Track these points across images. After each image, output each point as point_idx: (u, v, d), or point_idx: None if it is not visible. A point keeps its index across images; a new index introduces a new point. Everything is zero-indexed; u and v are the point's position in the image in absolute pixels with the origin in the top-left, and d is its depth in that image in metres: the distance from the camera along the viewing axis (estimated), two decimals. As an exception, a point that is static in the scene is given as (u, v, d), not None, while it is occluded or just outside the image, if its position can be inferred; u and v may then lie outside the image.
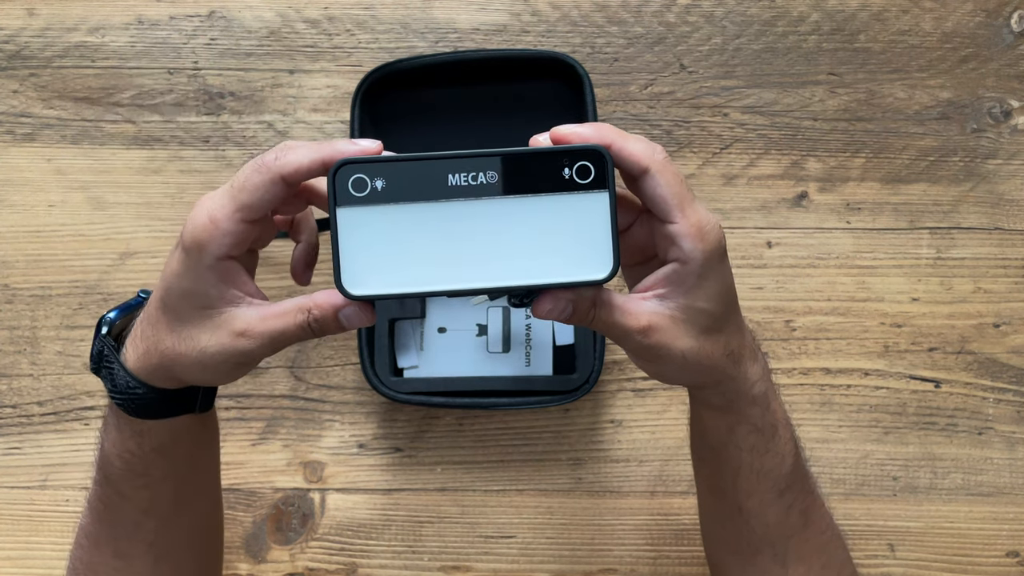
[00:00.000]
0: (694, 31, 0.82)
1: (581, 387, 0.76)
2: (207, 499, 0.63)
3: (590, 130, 0.47)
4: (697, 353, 0.50)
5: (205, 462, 0.62)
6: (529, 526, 0.79)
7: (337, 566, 0.79)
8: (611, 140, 0.47)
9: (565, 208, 0.46)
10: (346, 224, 0.45)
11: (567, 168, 0.46)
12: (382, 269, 0.45)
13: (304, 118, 0.81)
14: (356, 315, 0.48)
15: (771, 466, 0.55)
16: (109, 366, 0.53)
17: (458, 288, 0.46)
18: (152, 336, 0.51)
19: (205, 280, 0.48)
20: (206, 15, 0.82)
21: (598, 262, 0.46)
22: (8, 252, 0.81)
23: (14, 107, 0.81)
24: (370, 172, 0.45)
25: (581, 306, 0.48)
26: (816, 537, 0.58)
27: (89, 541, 0.59)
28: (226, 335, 0.48)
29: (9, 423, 0.80)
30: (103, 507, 0.57)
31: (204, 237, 0.47)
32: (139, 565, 0.58)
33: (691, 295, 0.48)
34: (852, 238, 0.81)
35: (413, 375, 0.78)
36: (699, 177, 0.81)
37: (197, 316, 0.49)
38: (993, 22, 0.82)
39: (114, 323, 0.55)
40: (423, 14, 0.82)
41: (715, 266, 0.48)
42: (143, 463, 0.55)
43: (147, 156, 0.81)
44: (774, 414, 0.54)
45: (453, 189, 0.45)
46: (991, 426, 0.80)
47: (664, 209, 0.47)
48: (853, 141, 0.81)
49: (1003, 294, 0.80)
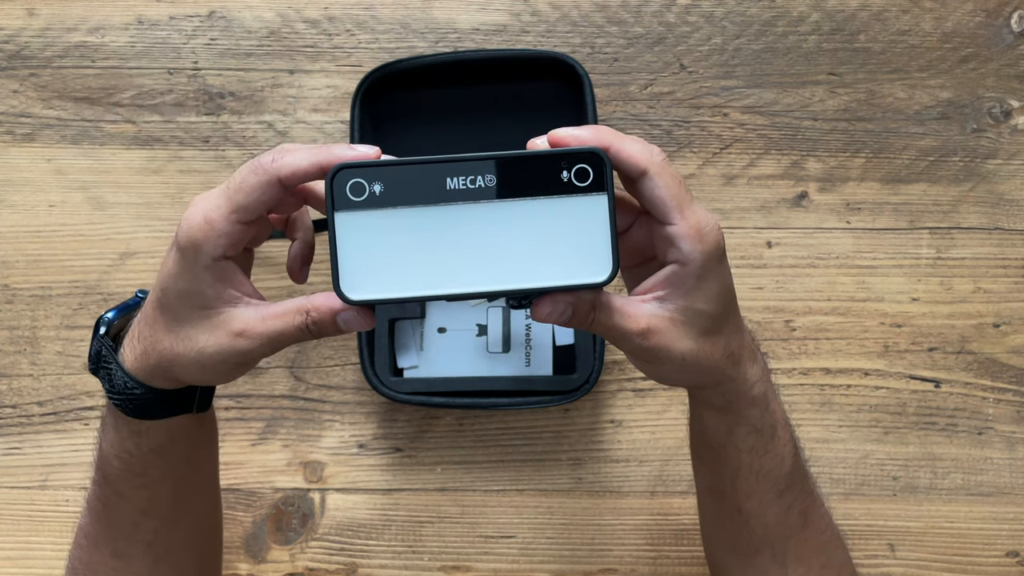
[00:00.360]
0: (694, 31, 0.82)
1: (581, 387, 0.76)
2: (206, 499, 0.63)
3: (588, 132, 0.47)
4: (696, 354, 0.50)
5: (204, 462, 0.62)
6: (529, 526, 0.79)
7: (337, 566, 0.79)
8: (609, 142, 0.47)
9: (564, 211, 0.46)
10: (344, 229, 0.45)
11: (565, 171, 0.46)
12: (380, 273, 0.45)
13: (304, 118, 0.81)
14: (355, 319, 0.48)
15: (770, 467, 0.55)
16: (107, 366, 0.52)
17: (456, 292, 0.46)
18: (150, 336, 0.51)
19: (202, 280, 0.48)
20: (206, 15, 0.82)
21: (597, 265, 0.46)
22: (8, 252, 0.81)
23: (14, 107, 0.81)
24: (368, 176, 0.45)
25: (580, 309, 0.48)
26: (815, 537, 0.58)
27: (88, 541, 0.59)
28: (224, 335, 0.48)
29: (9, 423, 0.80)
30: (101, 507, 0.57)
31: (200, 237, 0.47)
32: (138, 565, 0.58)
33: (690, 297, 0.48)
34: (852, 238, 0.81)
35: (413, 375, 0.78)
36: (699, 177, 0.81)
37: (195, 316, 0.49)
38: (993, 22, 0.82)
39: (112, 323, 0.55)
40: (423, 14, 0.82)
41: (714, 267, 0.48)
42: (141, 463, 0.55)
43: (147, 156, 0.81)
44: (773, 415, 0.54)
45: (451, 193, 0.45)
46: (991, 426, 0.80)
47: (662, 211, 0.47)
48: (853, 141, 0.81)
49: (1003, 294, 0.80)
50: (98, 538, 0.58)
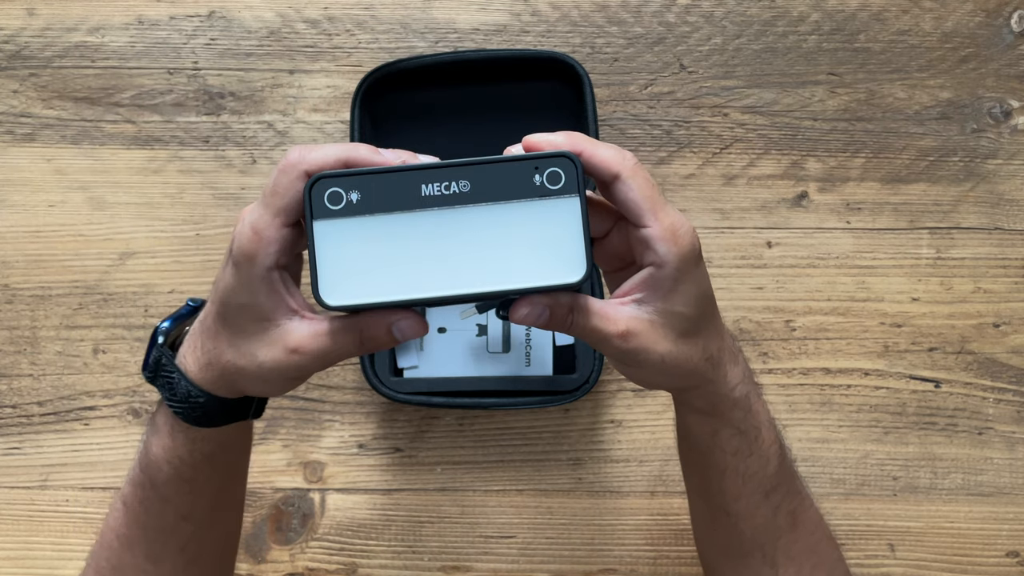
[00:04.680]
0: (694, 31, 0.82)
1: (581, 387, 0.76)
2: (237, 506, 0.64)
3: (561, 138, 0.48)
4: (676, 357, 0.50)
5: (242, 470, 0.63)
6: (529, 526, 0.79)
7: (337, 566, 0.79)
8: (582, 148, 0.48)
9: (537, 214, 0.46)
10: (323, 236, 0.46)
11: (538, 175, 0.46)
12: (359, 279, 0.46)
13: (304, 118, 0.81)
14: (409, 327, 0.48)
15: (756, 468, 0.55)
16: (168, 375, 0.53)
17: (434, 296, 0.46)
18: (213, 349, 0.51)
19: (259, 292, 0.48)
20: (206, 15, 0.82)
21: (571, 265, 0.46)
22: (8, 252, 0.81)
23: (14, 107, 0.81)
24: (345, 185, 0.46)
25: (558, 312, 0.48)
26: (805, 537, 0.58)
27: (120, 542, 0.59)
28: (280, 351, 0.49)
29: (9, 423, 0.80)
30: (142, 510, 0.57)
31: (252, 249, 0.48)
32: (168, 569, 0.59)
33: (668, 299, 0.49)
34: (852, 238, 0.81)
35: (413, 375, 0.78)
36: (699, 177, 0.81)
37: (254, 329, 0.49)
38: (993, 22, 0.82)
39: (169, 332, 0.55)
40: (423, 14, 0.82)
41: (691, 269, 0.49)
42: (192, 469, 0.55)
43: (147, 156, 0.81)
44: (756, 416, 0.55)
45: (427, 199, 0.46)
46: (991, 426, 0.80)
47: (636, 213, 0.48)
48: (853, 141, 0.81)
49: (1003, 294, 0.80)
50: (132, 540, 0.58)
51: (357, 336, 0.49)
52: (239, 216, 0.49)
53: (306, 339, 0.49)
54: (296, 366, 0.49)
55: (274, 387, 0.52)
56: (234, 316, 0.50)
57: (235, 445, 0.58)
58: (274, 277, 0.48)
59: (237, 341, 0.50)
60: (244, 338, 0.50)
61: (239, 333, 0.50)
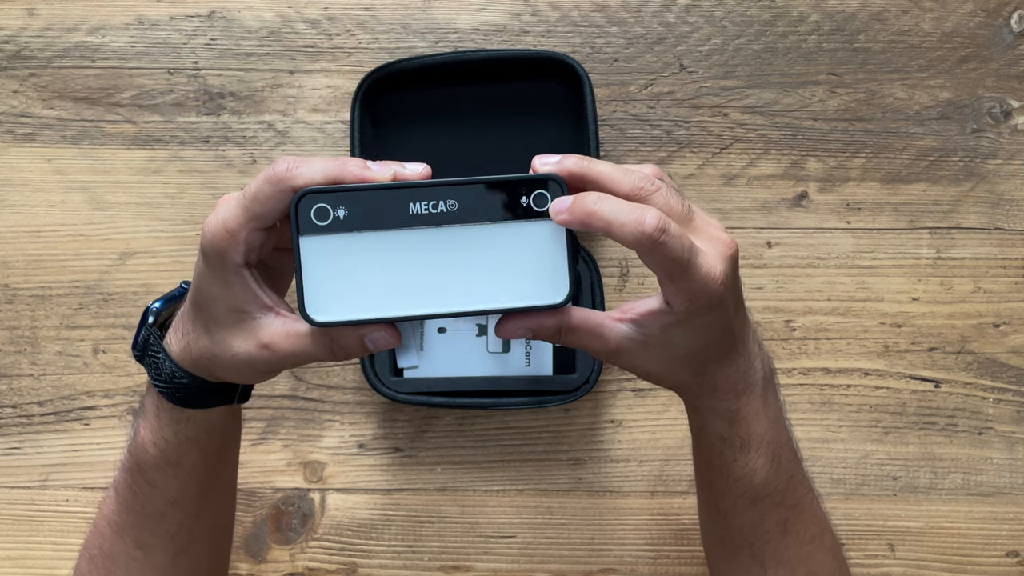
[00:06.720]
0: (694, 31, 0.82)
1: (581, 387, 0.76)
2: (227, 496, 0.65)
3: (571, 162, 0.48)
4: (661, 374, 0.52)
5: (230, 457, 0.63)
6: (529, 526, 0.79)
7: (337, 566, 0.79)
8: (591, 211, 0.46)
9: (523, 235, 0.47)
10: (309, 252, 0.46)
11: (524, 197, 0.47)
12: (345, 296, 0.47)
13: (304, 118, 0.81)
14: (382, 338, 0.49)
15: (740, 475, 0.55)
16: (155, 355, 0.54)
17: (419, 314, 0.47)
18: (192, 333, 0.52)
19: (232, 284, 0.49)
20: (206, 15, 0.82)
21: (555, 287, 0.47)
22: (8, 252, 0.81)
23: (14, 107, 0.81)
24: (332, 201, 0.46)
25: (542, 334, 0.49)
26: (797, 546, 0.58)
27: (111, 529, 0.59)
28: (253, 345, 0.50)
29: (9, 423, 0.80)
30: (131, 495, 0.58)
31: (222, 246, 0.48)
32: (159, 557, 0.59)
33: (668, 332, 0.50)
34: (852, 238, 0.81)
35: (413, 375, 0.78)
36: (699, 177, 0.81)
37: (229, 320, 0.50)
38: (993, 22, 0.82)
39: (160, 312, 0.56)
40: (423, 14, 0.82)
41: (704, 314, 0.49)
42: (177, 452, 0.56)
43: (147, 156, 0.81)
44: (745, 428, 0.54)
45: (414, 218, 0.46)
46: (991, 426, 0.80)
47: (659, 279, 0.48)
48: (853, 141, 0.81)
49: (1003, 294, 0.80)
50: (123, 527, 0.59)
51: (328, 343, 0.49)
52: (216, 204, 0.49)
53: (278, 337, 0.49)
54: (266, 361, 0.50)
55: (246, 377, 0.53)
56: (207, 305, 0.50)
57: (222, 430, 0.58)
58: (245, 273, 0.49)
59: (212, 329, 0.50)
60: (219, 327, 0.50)
61: (214, 321, 0.50)
